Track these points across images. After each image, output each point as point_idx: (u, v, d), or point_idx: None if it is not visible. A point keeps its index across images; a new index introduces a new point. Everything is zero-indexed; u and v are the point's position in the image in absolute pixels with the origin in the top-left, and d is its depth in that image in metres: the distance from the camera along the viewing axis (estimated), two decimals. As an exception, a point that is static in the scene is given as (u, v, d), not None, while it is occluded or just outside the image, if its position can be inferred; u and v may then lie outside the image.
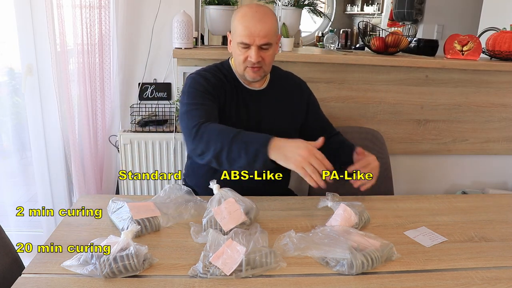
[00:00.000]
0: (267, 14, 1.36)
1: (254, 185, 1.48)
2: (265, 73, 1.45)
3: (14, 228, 2.33)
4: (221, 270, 0.96)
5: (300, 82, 1.61)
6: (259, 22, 1.33)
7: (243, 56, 1.37)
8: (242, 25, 1.34)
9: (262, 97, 1.50)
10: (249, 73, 1.41)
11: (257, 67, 1.38)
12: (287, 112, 1.53)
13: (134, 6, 2.04)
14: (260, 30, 1.32)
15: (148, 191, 2.13)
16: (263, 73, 1.43)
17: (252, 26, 1.32)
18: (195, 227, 1.13)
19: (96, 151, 2.10)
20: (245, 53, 1.37)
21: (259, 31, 1.32)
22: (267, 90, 1.51)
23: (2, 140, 2.34)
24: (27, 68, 2.04)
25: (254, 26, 1.32)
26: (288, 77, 1.60)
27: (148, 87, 2.13)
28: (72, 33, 1.92)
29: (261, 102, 1.49)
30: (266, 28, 1.33)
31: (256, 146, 1.15)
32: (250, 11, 1.35)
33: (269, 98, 1.51)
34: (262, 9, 1.37)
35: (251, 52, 1.35)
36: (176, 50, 1.94)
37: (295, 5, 2.07)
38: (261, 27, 1.32)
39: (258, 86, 1.50)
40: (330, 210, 1.25)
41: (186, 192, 1.33)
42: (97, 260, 0.93)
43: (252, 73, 1.40)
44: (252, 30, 1.32)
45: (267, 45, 1.36)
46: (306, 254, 1.06)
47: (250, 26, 1.32)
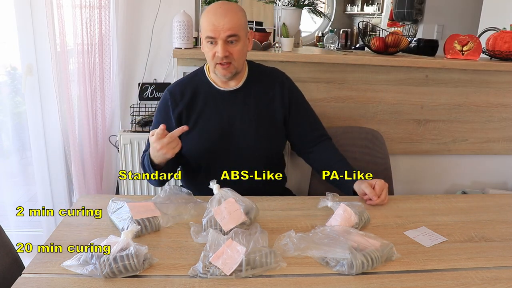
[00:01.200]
0: (232, 8, 1.36)
1: (254, 185, 1.48)
2: (236, 69, 1.41)
3: (14, 228, 2.33)
4: (221, 270, 0.96)
5: (282, 77, 1.56)
6: (223, 16, 1.33)
7: (211, 53, 1.37)
8: (207, 20, 1.35)
9: (236, 97, 1.48)
10: (219, 70, 1.40)
11: (226, 63, 1.37)
12: (265, 108, 1.50)
13: (134, 6, 2.04)
14: (225, 23, 1.32)
15: (148, 191, 2.13)
16: (234, 69, 1.40)
17: (215, 19, 1.33)
18: (195, 227, 1.13)
19: (96, 151, 2.10)
20: (212, 49, 1.36)
21: (223, 24, 1.32)
22: (242, 89, 1.48)
23: (2, 140, 2.34)
24: (27, 68, 2.04)
25: (218, 19, 1.33)
26: (269, 73, 1.56)
27: (148, 87, 2.13)
28: (72, 33, 1.92)
29: (235, 101, 1.48)
30: (231, 21, 1.33)
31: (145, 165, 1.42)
32: (215, 6, 1.37)
33: (243, 96, 1.48)
34: (227, 5, 1.37)
35: (218, 47, 1.35)
36: (176, 50, 1.94)
37: (295, 5, 2.07)
38: (225, 20, 1.32)
39: (234, 85, 1.48)
40: (330, 210, 1.25)
41: (186, 193, 1.33)
42: (97, 260, 0.93)
43: (222, 70, 1.39)
44: (215, 23, 1.33)
45: (233, 37, 1.35)
46: (306, 254, 1.06)
47: (213, 20, 1.33)
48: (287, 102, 1.52)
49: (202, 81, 1.49)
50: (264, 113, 1.50)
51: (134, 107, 2.10)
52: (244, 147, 1.47)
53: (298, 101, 1.57)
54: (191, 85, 1.49)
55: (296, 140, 1.60)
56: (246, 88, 1.49)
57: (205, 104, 1.47)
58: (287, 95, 1.52)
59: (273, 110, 1.51)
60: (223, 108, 1.47)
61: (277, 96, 1.51)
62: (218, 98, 1.47)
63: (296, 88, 1.58)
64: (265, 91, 1.51)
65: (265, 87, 1.51)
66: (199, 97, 1.47)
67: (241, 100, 1.48)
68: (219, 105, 1.47)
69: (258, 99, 1.49)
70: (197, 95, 1.48)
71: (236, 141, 1.47)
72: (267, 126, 1.50)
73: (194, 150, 1.48)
